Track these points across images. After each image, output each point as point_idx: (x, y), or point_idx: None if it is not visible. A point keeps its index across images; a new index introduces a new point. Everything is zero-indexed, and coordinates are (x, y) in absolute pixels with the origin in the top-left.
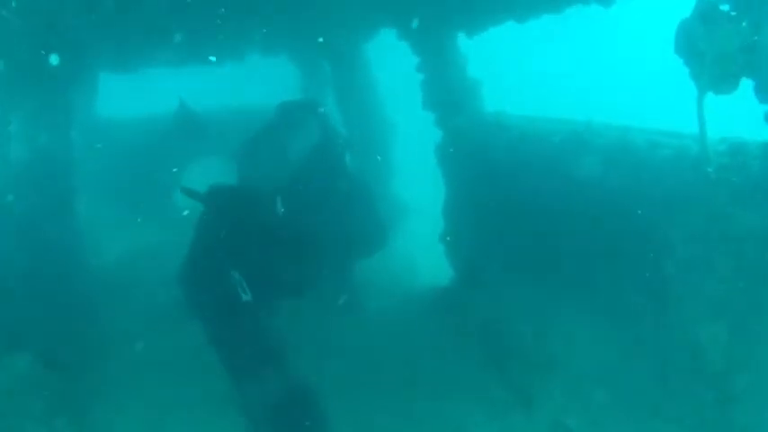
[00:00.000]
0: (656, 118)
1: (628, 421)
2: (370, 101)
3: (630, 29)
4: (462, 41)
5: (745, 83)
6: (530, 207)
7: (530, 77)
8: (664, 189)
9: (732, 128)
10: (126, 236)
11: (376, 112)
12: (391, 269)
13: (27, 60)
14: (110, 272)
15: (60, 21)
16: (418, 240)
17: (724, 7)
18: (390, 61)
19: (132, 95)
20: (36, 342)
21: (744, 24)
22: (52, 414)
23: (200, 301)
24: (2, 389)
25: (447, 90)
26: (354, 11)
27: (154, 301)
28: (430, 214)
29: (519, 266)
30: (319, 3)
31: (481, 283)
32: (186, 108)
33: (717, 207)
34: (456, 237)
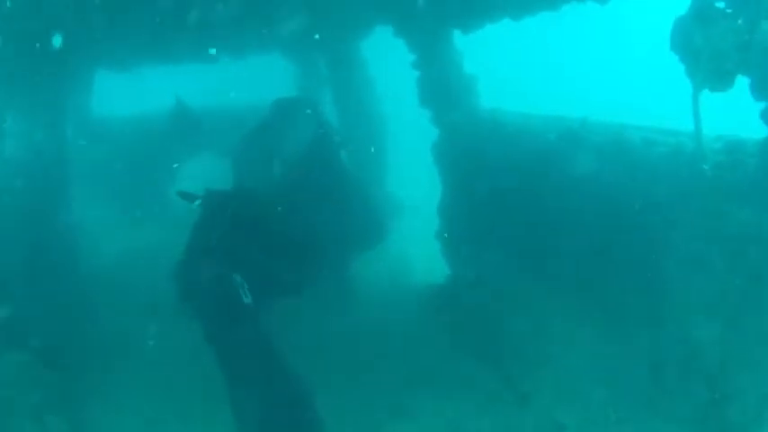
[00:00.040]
0: (651, 115)
1: (622, 418)
2: (366, 98)
3: (626, 26)
4: (458, 38)
5: (741, 80)
6: (525, 204)
7: (526, 75)
8: (659, 186)
9: (728, 126)
10: (123, 234)
11: (372, 109)
12: (387, 266)
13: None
14: (106, 270)
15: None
16: (414, 238)
17: (720, 5)
18: (387, 59)
19: (129, 94)
20: (34, 340)
21: (739, 22)
22: (45, 411)
23: (195, 300)
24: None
25: (443, 87)
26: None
27: (152, 300)
28: (425, 212)
29: (515, 264)
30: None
31: (477, 280)
32: (183, 106)
33: (713, 204)
34: (452, 234)
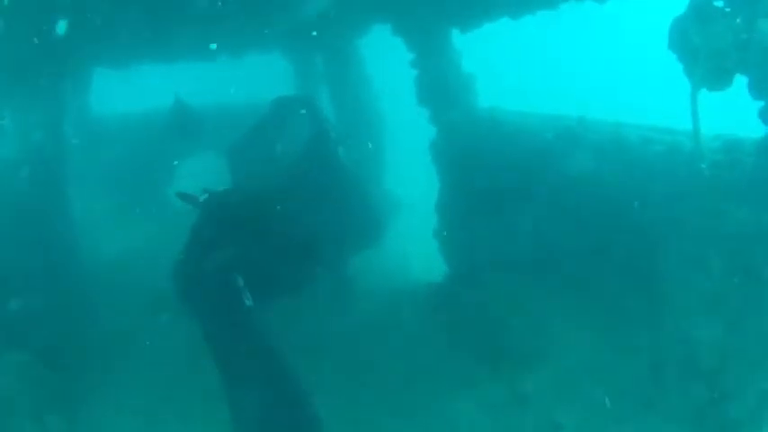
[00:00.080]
0: (649, 114)
1: (621, 418)
2: (364, 96)
3: (624, 25)
4: (456, 37)
5: (739, 79)
6: (523, 203)
7: (524, 73)
8: (657, 185)
9: (726, 125)
10: (122, 232)
11: (370, 107)
12: (384, 265)
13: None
14: (105, 268)
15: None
16: (411, 236)
17: (718, 4)
18: (385, 57)
19: (127, 92)
20: (33, 339)
21: (738, 21)
22: (45, 411)
23: (195, 300)
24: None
25: (441, 86)
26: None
27: (150, 299)
28: (423, 210)
29: (512, 262)
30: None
31: (475, 279)
32: (181, 104)
33: (711, 204)
34: (450, 232)
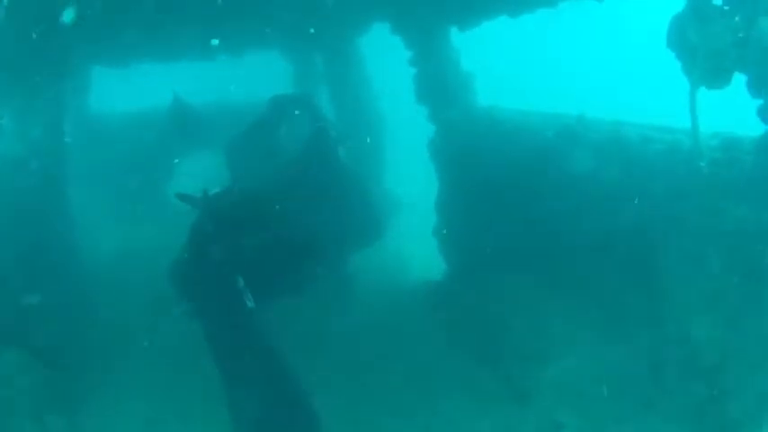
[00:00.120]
0: (648, 113)
1: (621, 416)
2: (363, 95)
3: (623, 23)
4: (455, 36)
5: (738, 78)
6: (523, 201)
7: (523, 72)
8: (656, 184)
9: (725, 123)
10: (120, 231)
11: (369, 106)
12: (384, 264)
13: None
14: (105, 268)
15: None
16: (411, 235)
17: (717, 2)
18: (384, 56)
19: (126, 91)
20: (32, 338)
21: (736, 19)
22: (45, 411)
23: (195, 300)
24: None
25: (440, 84)
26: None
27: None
28: (423, 208)
29: (511, 261)
30: None
31: (475, 277)
32: (180, 102)
33: (710, 202)
34: (449, 231)
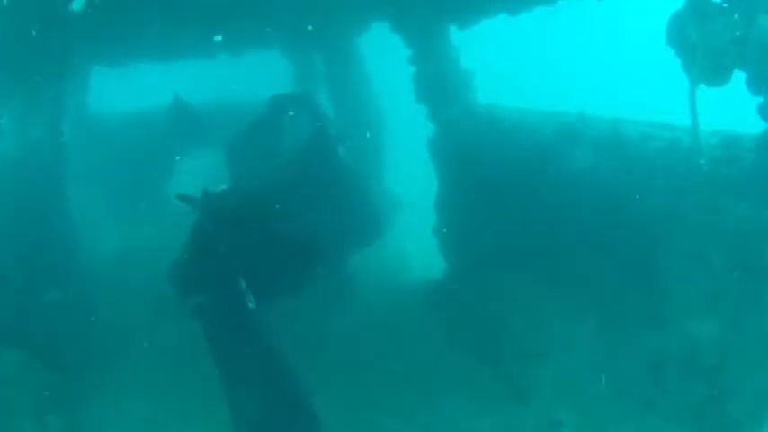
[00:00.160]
0: (648, 110)
1: (621, 416)
2: (363, 94)
3: (623, 21)
4: (455, 34)
5: (738, 75)
6: (522, 199)
7: (522, 70)
8: (656, 181)
9: (724, 121)
10: (119, 230)
11: (368, 105)
12: (384, 263)
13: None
14: (105, 268)
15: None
16: (411, 233)
17: (716, 0)
18: (383, 55)
19: (125, 90)
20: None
21: (736, 17)
22: (45, 411)
23: (196, 300)
24: None
25: (439, 83)
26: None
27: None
28: (422, 207)
29: (511, 259)
30: None
31: (474, 276)
32: (180, 102)
33: (709, 199)
34: (449, 229)
